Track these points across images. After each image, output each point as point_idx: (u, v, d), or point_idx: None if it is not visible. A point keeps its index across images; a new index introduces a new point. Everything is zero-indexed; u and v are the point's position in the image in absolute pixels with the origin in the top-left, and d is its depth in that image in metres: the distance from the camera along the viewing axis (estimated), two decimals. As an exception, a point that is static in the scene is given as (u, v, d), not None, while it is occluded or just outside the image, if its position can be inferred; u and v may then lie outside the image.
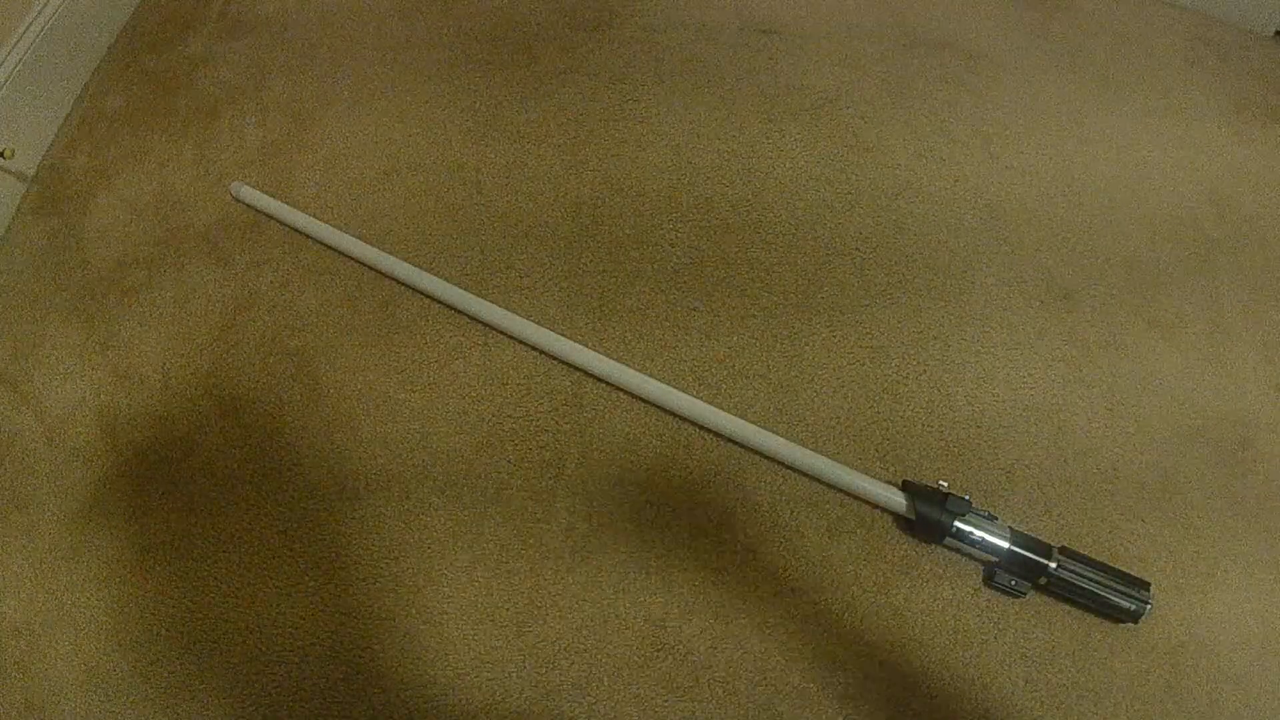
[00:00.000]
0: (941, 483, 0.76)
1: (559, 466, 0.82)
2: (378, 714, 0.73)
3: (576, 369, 0.86)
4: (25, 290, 0.98)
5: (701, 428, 0.83)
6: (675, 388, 0.83)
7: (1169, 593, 0.75)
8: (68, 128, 1.11)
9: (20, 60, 1.03)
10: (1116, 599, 0.71)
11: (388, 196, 1.00)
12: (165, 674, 0.76)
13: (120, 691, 0.75)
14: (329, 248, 0.96)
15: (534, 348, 0.88)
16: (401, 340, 0.90)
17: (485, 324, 0.89)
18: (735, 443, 0.82)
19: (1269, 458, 0.82)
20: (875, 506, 0.79)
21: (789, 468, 0.80)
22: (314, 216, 0.97)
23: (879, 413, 0.84)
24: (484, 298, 0.90)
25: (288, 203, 0.99)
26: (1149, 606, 0.70)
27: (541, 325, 0.87)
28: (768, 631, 0.74)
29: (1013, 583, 0.73)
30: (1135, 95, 1.06)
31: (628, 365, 0.84)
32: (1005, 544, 0.73)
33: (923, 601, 0.75)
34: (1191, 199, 0.97)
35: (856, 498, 0.79)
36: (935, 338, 0.87)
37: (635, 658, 0.74)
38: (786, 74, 1.07)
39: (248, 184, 1.00)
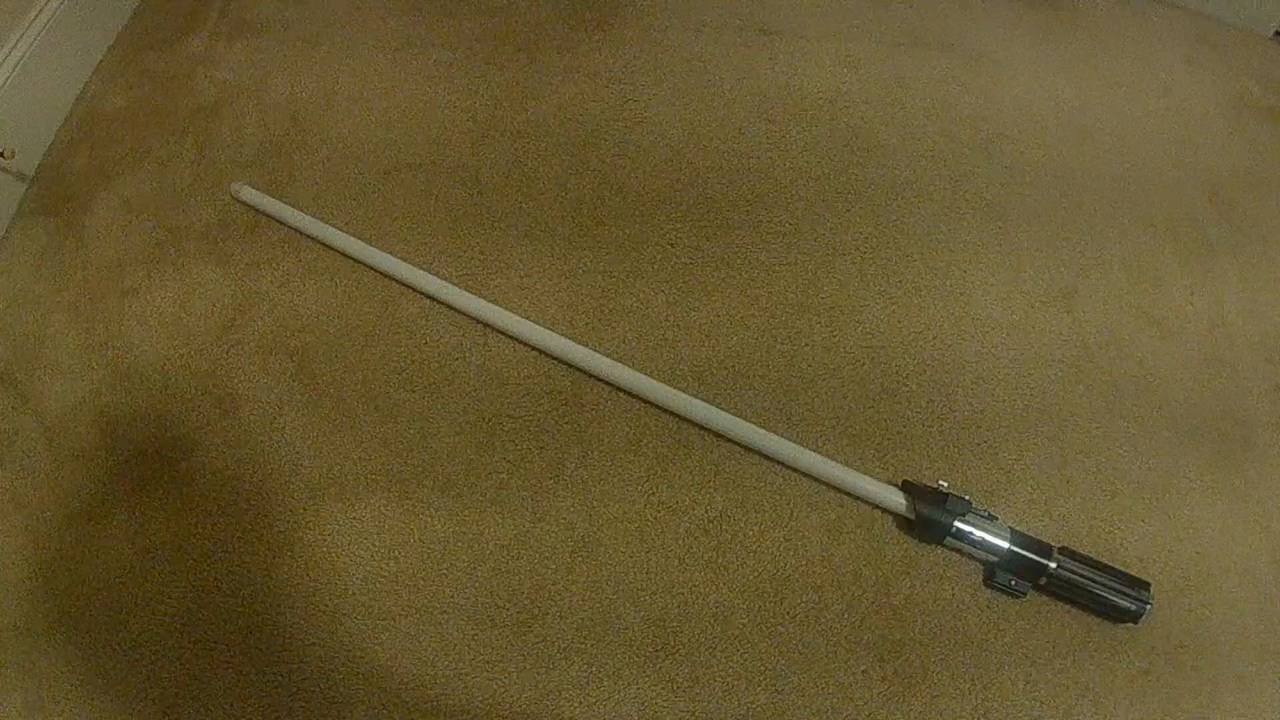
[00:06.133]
0: (941, 483, 0.76)
1: (559, 466, 0.82)
2: (378, 714, 0.73)
3: (576, 369, 0.86)
4: (25, 290, 0.98)
5: (701, 428, 0.83)
6: (675, 388, 0.83)
7: (1169, 593, 0.75)
8: (68, 128, 1.11)
9: (20, 60, 1.03)
10: (1116, 599, 0.71)
11: (388, 196, 1.00)
12: (165, 674, 0.76)
13: (120, 692, 0.75)
14: (329, 248, 0.96)
15: (534, 348, 0.88)
16: (401, 340, 0.90)
17: (485, 324, 0.89)
18: (735, 443, 0.82)
19: (1269, 458, 0.82)
20: (875, 506, 0.79)
21: (789, 468, 0.80)
22: (314, 216, 0.97)
23: (879, 413, 0.83)
24: (484, 298, 0.90)
25: (288, 203, 0.99)
26: (1149, 606, 0.70)
27: (541, 325, 0.87)
28: (767, 631, 0.74)
29: (1013, 583, 0.73)
30: (1135, 95, 1.06)
31: (628, 365, 0.84)
32: (1005, 544, 0.73)
33: (923, 601, 0.75)
34: (1192, 199, 0.97)
35: (856, 498, 0.79)
36: (935, 338, 0.87)
37: (635, 657, 0.74)
38: (786, 74, 1.07)
39: (248, 184, 1.00)
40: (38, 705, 0.75)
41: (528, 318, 0.88)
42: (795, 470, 0.80)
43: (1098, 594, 0.71)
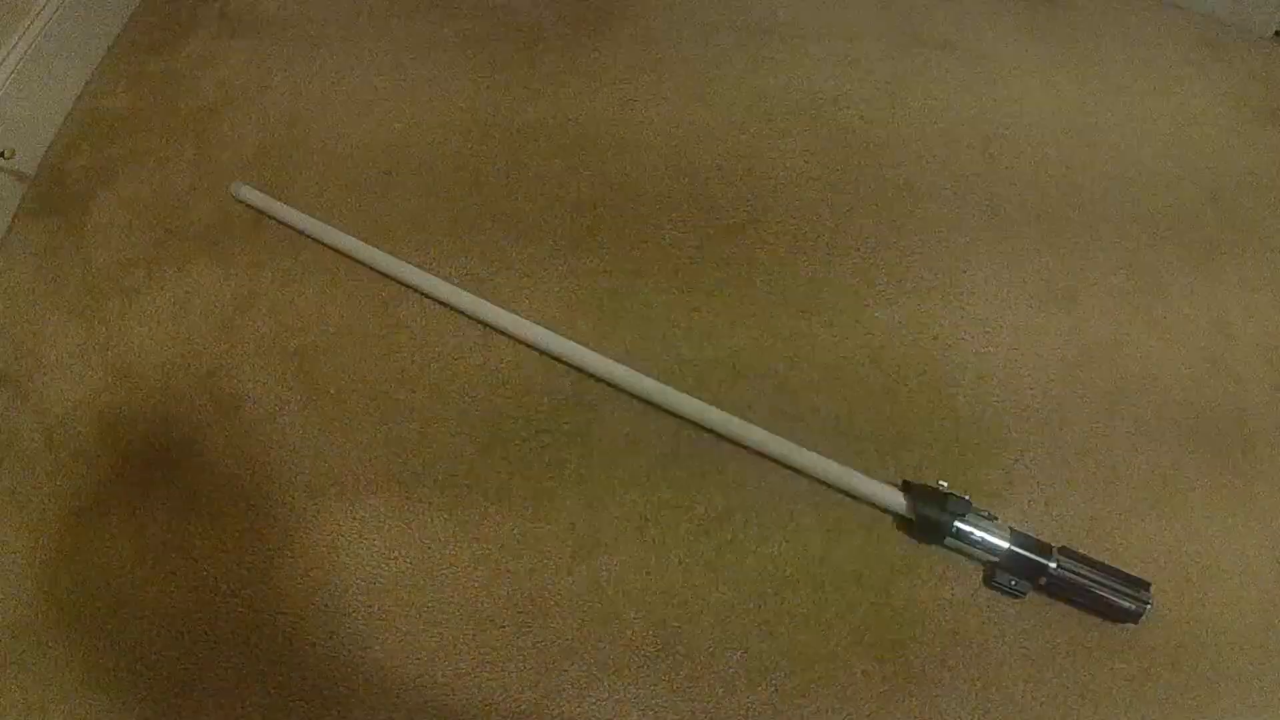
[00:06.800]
0: (941, 483, 0.76)
1: (559, 466, 0.82)
2: (378, 714, 0.73)
3: (576, 369, 0.86)
4: (25, 290, 0.98)
5: (701, 428, 0.83)
6: (675, 388, 0.83)
7: (1169, 593, 0.75)
8: (68, 128, 1.11)
9: (20, 60, 1.03)
10: (1116, 599, 0.71)
11: (388, 196, 1.00)
12: (165, 674, 0.76)
13: (120, 692, 0.75)
14: (329, 248, 0.96)
15: (534, 348, 0.88)
16: (401, 340, 0.90)
17: (485, 324, 0.89)
18: (735, 443, 0.82)
19: (1269, 458, 0.82)
20: (875, 506, 0.79)
21: (789, 468, 0.80)
22: (314, 216, 0.97)
23: (879, 413, 0.83)
24: (484, 298, 0.90)
25: (288, 203, 0.99)
26: (1149, 606, 0.70)
27: (541, 325, 0.87)
28: (767, 631, 0.74)
29: (1013, 583, 0.73)
30: (1136, 96, 1.06)
31: (628, 365, 0.84)
32: (1005, 544, 0.73)
33: (923, 602, 0.75)
34: (1192, 199, 0.97)
35: (856, 498, 0.79)
36: (935, 338, 0.87)
37: (635, 658, 0.74)
38: (786, 74, 1.07)
39: (248, 184, 1.00)
40: (38, 705, 0.75)
41: (528, 318, 0.88)
42: (795, 470, 0.80)
43: (1098, 594, 0.71)
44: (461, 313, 0.90)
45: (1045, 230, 0.94)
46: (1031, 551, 0.72)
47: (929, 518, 0.74)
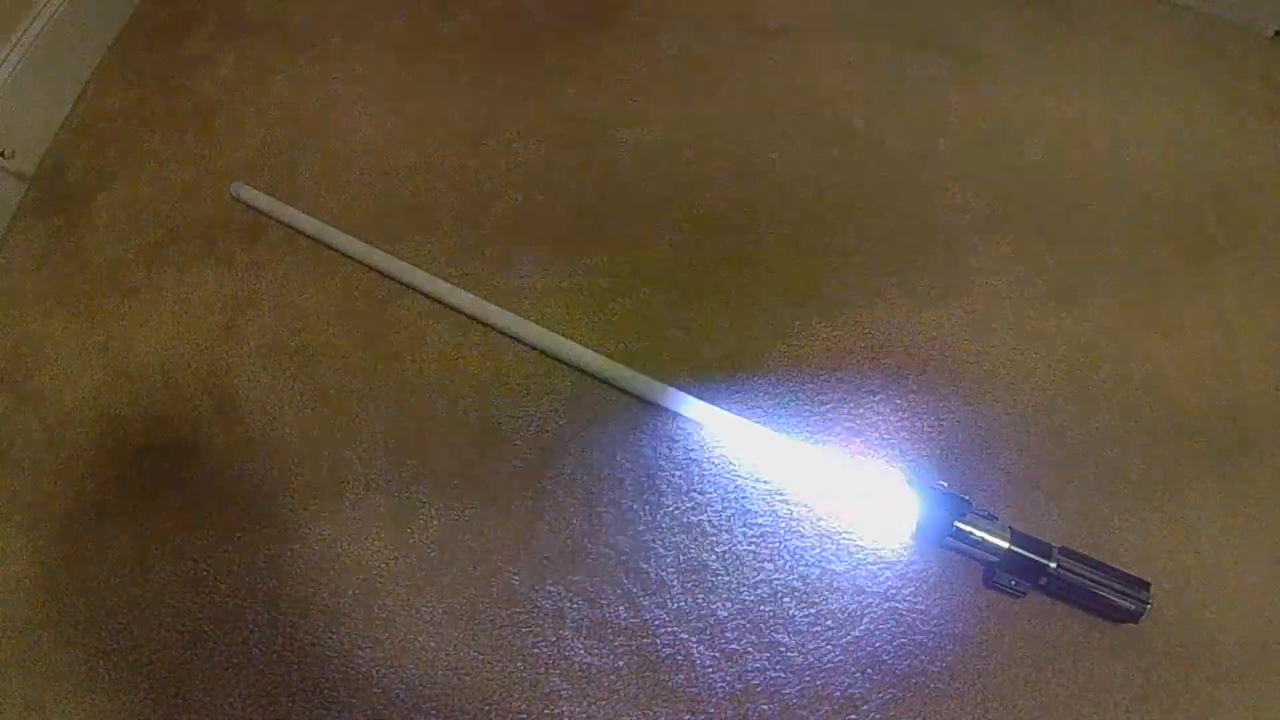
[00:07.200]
0: (941, 482, 0.76)
1: (559, 467, 0.82)
2: (378, 714, 0.73)
3: (576, 369, 0.86)
4: (25, 290, 0.98)
5: (702, 428, 0.82)
6: (675, 388, 0.83)
7: (1169, 593, 0.75)
8: (68, 128, 1.11)
9: (20, 60, 1.03)
10: (1116, 599, 0.71)
11: (388, 196, 1.00)
12: (165, 675, 0.76)
13: (120, 692, 0.75)
14: (329, 247, 0.96)
15: (534, 347, 0.88)
16: (401, 340, 0.90)
17: (485, 324, 0.89)
18: (735, 443, 0.82)
19: (1269, 458, 0.82)
20: (876, 508, 0.79)
21: (789, 468, 0.80)
22: (314, 216, 0.97)
23: (879, 413, 0.83)
24: (484, 298, 0.90)
25: (288, 203, 0.99)
26: (1149, 606, 0.70)
27: (541, 325, 0.87)
28: (768, 642, 0.74)
29: (1013, 583, 0.73)
30: (1135, 96, 1.06)
31: (628, 365, 0.84)
32: (1005, 544, 0.73)
33: (923, 604, 0.75)
34: (1192, 199, 0.97)
35: (857, 499, 0.79)
36: (935, 338, 0.87)
37: (634, 662, 0.74)
38: (786, 74, 1.07)
39: (247, 184, 1.00)
40: (38, 705, 0.75)
41: (528, 318, 0.88)
42: (795, 470, 0.80)
43: (1098, 594, 0.71)
44: (461, 313, 0.90)
45: (1046, 230, 0.94)
46: (1031, 551, 0.72)
47: (929, 518, 0.74)
